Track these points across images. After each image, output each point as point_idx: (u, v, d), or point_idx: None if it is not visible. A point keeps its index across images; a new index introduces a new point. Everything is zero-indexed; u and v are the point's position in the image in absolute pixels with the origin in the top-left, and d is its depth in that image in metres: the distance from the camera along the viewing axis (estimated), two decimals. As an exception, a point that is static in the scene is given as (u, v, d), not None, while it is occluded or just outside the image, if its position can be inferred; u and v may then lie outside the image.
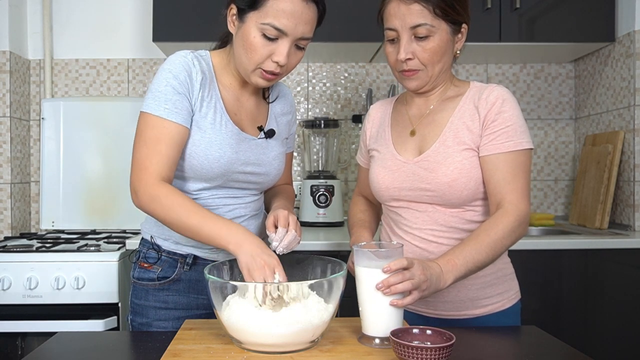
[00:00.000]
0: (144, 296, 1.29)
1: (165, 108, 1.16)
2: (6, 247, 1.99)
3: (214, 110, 1.22)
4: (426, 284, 1.02)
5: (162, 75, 1.18)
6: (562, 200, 2.65)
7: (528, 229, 1.20)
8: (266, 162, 1.30)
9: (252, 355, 0.97)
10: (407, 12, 1.18)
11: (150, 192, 1.13)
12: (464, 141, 1.20)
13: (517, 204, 1.16)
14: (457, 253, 1.10)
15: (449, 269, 1.07)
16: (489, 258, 1.12)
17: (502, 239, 1.13)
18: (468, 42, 1.28)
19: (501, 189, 1.17)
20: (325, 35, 2.17)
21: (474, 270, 1.11)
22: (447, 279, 1.07)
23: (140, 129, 1.18)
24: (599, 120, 2.43)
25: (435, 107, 1.28)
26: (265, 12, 1.12)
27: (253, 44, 1.15)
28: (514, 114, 1.19)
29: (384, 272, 0.99)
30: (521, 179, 1.18)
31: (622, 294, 1.94)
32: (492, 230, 1.13)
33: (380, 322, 1.02)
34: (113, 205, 2.40)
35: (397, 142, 1.30)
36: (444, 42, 1.20)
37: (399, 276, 0.99)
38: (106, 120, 2.42)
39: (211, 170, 1.21)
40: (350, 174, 2.64)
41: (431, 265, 1.05)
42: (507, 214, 1.15)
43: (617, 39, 2.28)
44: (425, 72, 1.22)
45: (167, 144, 1.15)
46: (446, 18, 1.18)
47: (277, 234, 1.16)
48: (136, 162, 1.16)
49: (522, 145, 1.18)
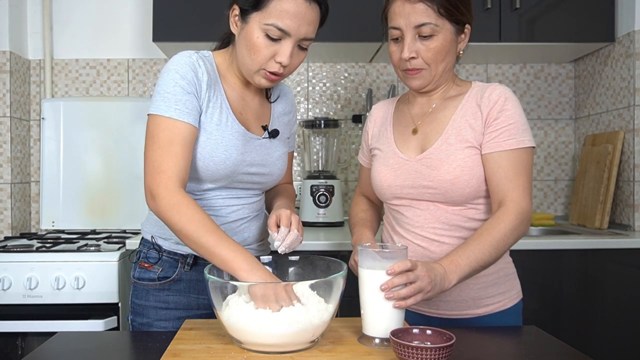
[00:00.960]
0: (144, 296, 1.28)
1: (176, 109, 1.14)
2: (6, 247, 1.99)
3: (220, 110, 1.21)
4: (430, 286, 1.01)
5: (169, 75, 1.17)
6: (562, 200, 2.65)
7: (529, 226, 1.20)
8: (270, 162, 1.30)
9: (252, 355, 0.97)
10: (411, 11, 1.18)
11: (170, 199, 1.10)
12: (466, 139, 1.21)
13: (519, 201, 1.16)
14: (460, 253, 1.10)
15: (453, 270, 1.07)
16: (492, 257, 1.12)
17: (504, 237, 1.13)
18: (468, 42, 1.28)
19: (503, 187, 1.17)
20: (325, 35, 2.15)
21: (477, 270, 1.11)
22: (452, 280, 1.06)
23: (151, 131, 1.16)
24: (599, 120, 2.43)
25: (437, 106, 1.28)
26: (269, 12, 1.12)
27: (256, 45, 1.15)
28: (516, 112, 1.20)
29: (387, 274, 0.99)
30: (523, 177, 1.18)
31: (622, 294, 1.94)
32: (495, 229, 1.13)
33: (381, 322, 1.02)
34: (113, 205, 2.40)
35: (399, 140, 1.31)
36: (448, 42, 1.20)
37: (403, 277, 0.99)
38: (106, 120, 2.42)
39: (217, 172, 1.21)
40: (350, 174, 2.64)
41: (435, 267, 1.05)
42: (509, 212, 1.15)
43: (617, 39, 2.28)
44: (428, 71, 1.22)
45: (181, 145, 1.14)
46: (450, 18, 1.19)
47: (280, 233, 1.16)
48: (151, 165, 1.13)
49: (525, 143, 1.19)
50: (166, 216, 1.11)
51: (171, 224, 1.11)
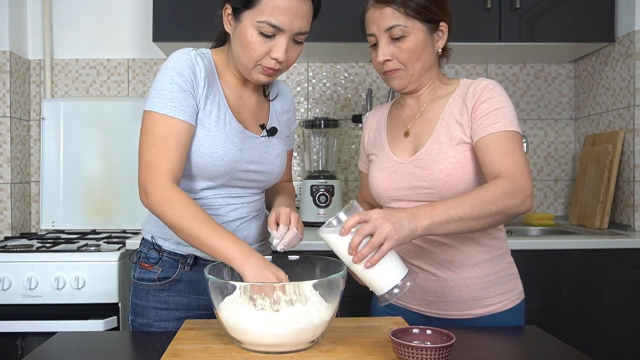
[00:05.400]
0: (144, 297, 1.28)
1: (171, 106, 1.15)
2: (6, 247, 1.99)
3: (218, 108, 1.21)
4: (394, 230, 0.96)
5: (166, 73, 1.17)
6: (562, 200, 2.65)
7: (531, 205, 1.11)
8: (269, 160, 1.30)
9: (252, 355, 0.97)
10: (380, 16, 1.22)
11: (162, 195, 1.11)
12: (456, 136, 1.22)
13: (514, 174, 1.11)
14: (440, 201, 1.06)
15: (427, 212, 1.02)
16: (475, 212, 1.05)
17: (492, 198, 1.06)
18: (468, 42, 1.29)
19: (497, 165, 1.13)
20: (325, 35, 2.18)
21: (456, 221, 1.04)
22: (422, 221, 1.01)
23: (146, 128, 1.17)
24: (599, 120, 2.43)
25: (426, 107, 1.30)
26: (261, 9, 1.12)
27: (250, 43, 1.15)
28: (501, 100, 1.19)
29: (341, 234, 0.97)
30: (517, 155, 1.14)
31: (622, 294, 1.94)
32: (484, 189, 1.08)
33: (377, 279, 1.00)
34: (113, 205, 2.40)
35: (392, 144, 1.33)
36: (420, 41, 1.22)
37: (359, 234, 0.96)
38: (106, 120, 2.42)
39: (215, 169, 1.21)
40: (350, 174, 2.64)
41: (395, 212, 1.01)
42: (502, 179, 1.10)
43: (617, 39, 2.28)
44: (405, 71, 1.25)
45: (176, 142, 1.14)
46: (420, 17, 1.21)
47: (279, 231, 1.17)
48: (145, 162, 1.15)
49: (512, 127, 1.17)
50: (159, 211, 1.12)
51: (164, 218, 1.12)
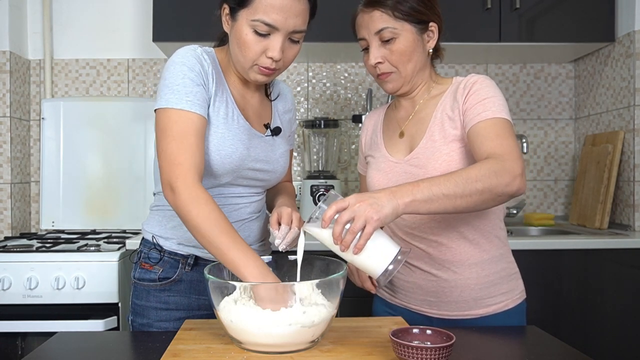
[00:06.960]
0: (145, 297, 1.28)
1: (187, 100, 1.13)
2: (6, 247, 1.99)
3: (226, 105, 1.21)
4: (373, 210, 0.95)
5: (176, 68, 1.15)
6: (562, 200, 2.65)
7: (522, 185, 1.08)
8: (274, 160, 1.30)
9: (252, 355, 0.97)
10: (369, 19, 1.24)
11: (190, 193, 1.08)
12: (449, 133, 1.22)
13: (502, 154, 1.09)
14: (423, 179, 1.05)
15: (407, 189, 1.00)
16: (459, 189, 1.02)
17: (478, 175, 1.04)
18: (468, 42, 1.29)
19: (485, 148, 1.12)
20: (326, 35, 2.18)
21: (440, 199, 1.02)
22: (404, 197, 0.99)
23: (163, 125, 1.13)
24: (599, 120, 2.43)
25: (420, 107, 1.31)
26: (255, 8, 1.12)
27: (246, 42, 1.15)
28: (490, 90, 1.19)
29: (323, 227, 0.98)
30: (507, 139, 1.13)
31: (622, 294, 1.94)
32: (469, 167, 1.07)
33: (372, 260, 1.00)
34: (113, 205, 2.40)
35: (388, 145, 1.34)
36: (410, 42, 1.23)
37: (339, 222, 0.96)
38: (106, 120, 2.42)
39: (222, 167, 1.20)
40: (350, 174, 2.64)
41: (374, 192, 1.00)
42: (490, 159, 1.08)
43: (617, 39, 2.28)
44: (397, 74, 1.26)
45: (196, 136, 1.12)
46: (408, 19, 1.22)
47: (280, 231, 1.17)
48: (167, 158, 1.11)
49: (502, 114, 1.16)
50: (184, 210, 1.08)
51: (188, 219, 1.09)
